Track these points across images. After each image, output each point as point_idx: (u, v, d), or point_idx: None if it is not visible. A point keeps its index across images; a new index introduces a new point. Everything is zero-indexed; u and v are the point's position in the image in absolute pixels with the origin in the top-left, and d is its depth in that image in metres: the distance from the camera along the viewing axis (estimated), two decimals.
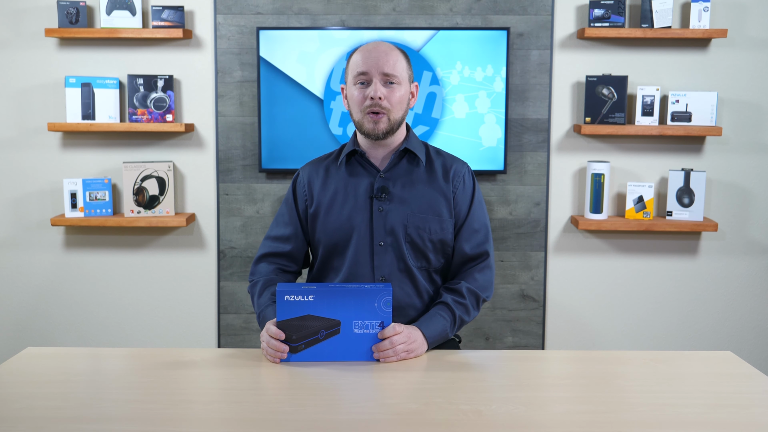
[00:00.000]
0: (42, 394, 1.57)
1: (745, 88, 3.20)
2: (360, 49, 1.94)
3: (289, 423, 1.42)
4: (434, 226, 1.95)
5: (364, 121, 1.92)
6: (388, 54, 1.91)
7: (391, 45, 1.95)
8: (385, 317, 1.75)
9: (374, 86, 1.89)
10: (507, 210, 3.26)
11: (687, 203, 3.17)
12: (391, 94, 1.91)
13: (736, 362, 1.78)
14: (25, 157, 3.27)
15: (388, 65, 1.89)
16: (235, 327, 3.34)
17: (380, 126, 1.91)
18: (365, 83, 1.91)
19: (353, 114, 1.95)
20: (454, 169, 2.01)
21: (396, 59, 1.92)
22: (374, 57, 1.90)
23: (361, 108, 1.91)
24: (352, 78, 1.92)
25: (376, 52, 1.90)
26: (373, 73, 1.89)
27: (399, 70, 1.91)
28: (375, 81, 1.89)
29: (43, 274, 3.34)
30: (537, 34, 3.18)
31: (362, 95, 1.91)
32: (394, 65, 1.90)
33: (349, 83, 1.94)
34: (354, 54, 1.95)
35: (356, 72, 1.91)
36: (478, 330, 3.33)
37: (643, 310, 3.33)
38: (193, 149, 3.26)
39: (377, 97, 1.88)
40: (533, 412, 1.48)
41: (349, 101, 1.96)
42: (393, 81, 1.91)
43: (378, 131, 1.92)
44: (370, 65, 1.89)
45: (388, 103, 1.90)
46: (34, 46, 3.20)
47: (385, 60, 1.89)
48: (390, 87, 1.91)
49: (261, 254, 2.07)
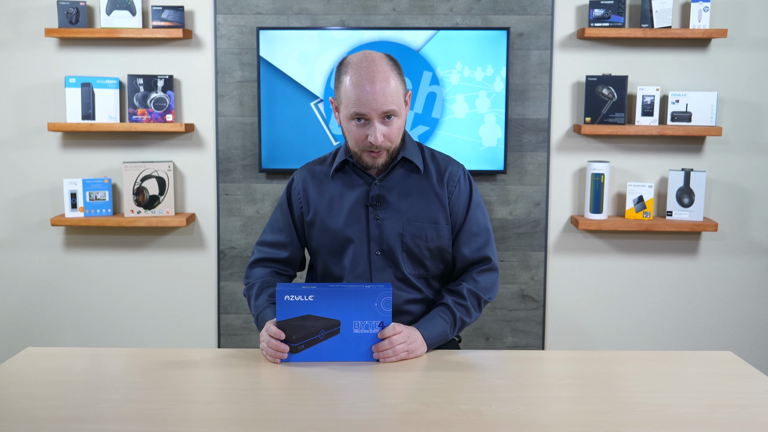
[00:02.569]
0: (42, 394, 1.57)
1: (745, 88, 3.20)
2: (353, 81, 1.80)
3: (289, 423, 1.42)
4: (431, 233, 1.94)
5: (363, 155, 1.88)
6: (385, 89, 1.79)
7: (384, 68, 1.81)
8: (384, 317, 1.75)
9: (374, 130, 1.81)
10: (507, 210, 3.26)
11: (687, 203, 3.17)
12: (391, 130, 1.84)
13: (736, 362, 1.78)
14: (25, 157, 3.27)
15: (387, 103, 1.80)
16: (235, 327, 3.34)
17: (379, 161, 1.89)
18: (362, 120, 1.83)
19: (350, 144, 1.90)
20: (449, 172, 1.97)
21: (393, 88, 1.81)
22: (371, 97, 1.78)
23: (359, 145, 1.86)
24: (349, 114, 1.82)
25: (373, 90, 1.78)
26: (372, 116, 1.81)
27: (397, 101, 1.82)
28: (374, 124, 1.81)
29: (43, 274, 3.34)
30: (537, 34, 3.18)
31: (361, 134, 1.83)
32: (392, 98, 1.80)
33: (344, 115, 1.85)
34: (346, 78, 1.82)
35: (353, 111, 1.81)
36: (478, 330, 3.33)
37: (643, 310, 3.33)
38: (193, 149, 3.26)
39: (378, 143, 1.82)
40: (533, 412, 1.48)
41: (346, 132, 1.89)
42: (392, 115, 1.83)
43: (378, 165, 1.89)
44: (368, 108, 1.79)
45: (388, 141, 1.85)
46: (34, 46, 3.20)
47: (383, 99, 1.79)
48: (388, 122, 1.83)
49: (256, 259, 2.05)
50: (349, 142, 1.90)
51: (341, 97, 1.85)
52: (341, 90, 1.85)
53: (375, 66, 1.81)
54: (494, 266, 2.00)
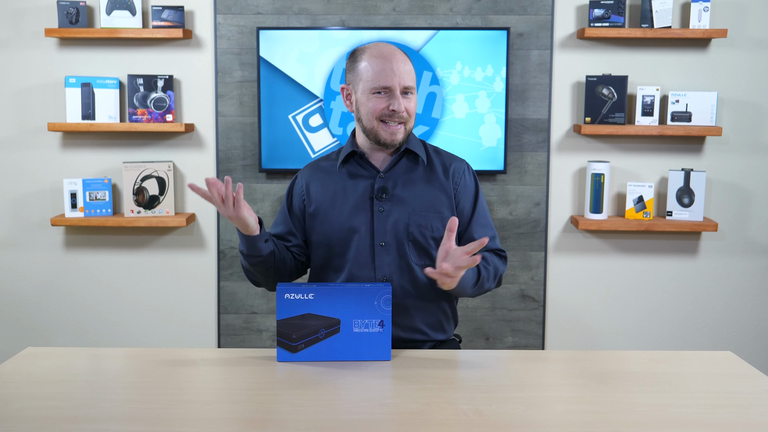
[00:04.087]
0: (42, 394, 1.57)
1: (745, 88, 3.20)
2: (374, 56, 1.91)
3: (289, 423, 1.42)
4: (436, 223, 1.95)
5: (379, 129, 1.91)
6: (406, 64, 1.91)
7: (400, 51, 1.93)
8: (384, 316, 1.75)
9: (397, 100, 1.88)
10: (507, 210, 3.26)
11: (687, 203, 3.17)
12: (409, 105, 1.92)
13: (736, 362, 1.78)
14: (25, 157, 3.27)
15: (408, 77, 1.90)
16: (235, 327, 3.34)
17: (398, 136, 1.92)
18: (382, 93, 1.89)
19: (364, 120, 1.93)
20: (453, 166, 2.02)
21: (410, 68, 1.92)
22: (396, 69, 1.88)
23: (376, 116, 1.90)
24: (370, 88, 1.89)
25: (396, 64, 1.89)
26: (395, 87, 1.88)
27: (413, 79, 1.93)
28: (397, 94, 1.89)
29: (42, 274, 3.34)
30: (537, 34, 3.18)
31: (382, 105, 1.89)
32: (411, 75, 1.91)
33: (364, 91, 1.91)
34: (365, 59, 1.92)
35: (377, 84, 1.88)
36: (478, 330, 3.34)
37: (643, 310, 3.33)
38: (193, 149, 3.26)
39: (401, 111, 1.89)
40: (533, 412, 1.48)
41: (361, 108, 1.93)
42: (410, 92, 1.92)
43: (396, 141, 1.93)
44: (392, 80, 1.87)
45: (407, 114, 1.92)
46: (34, 46, 3.20)
47: (405, 72, 1.89)
48: (407, 97, 1.92)
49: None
50: (366, 116, 1.93)
51: (359, 76, 1.92)
52: (358, 70, 1.92)
53: (392, 47, 1.94)
54: (506, 257, 2.05)
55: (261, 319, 3.33)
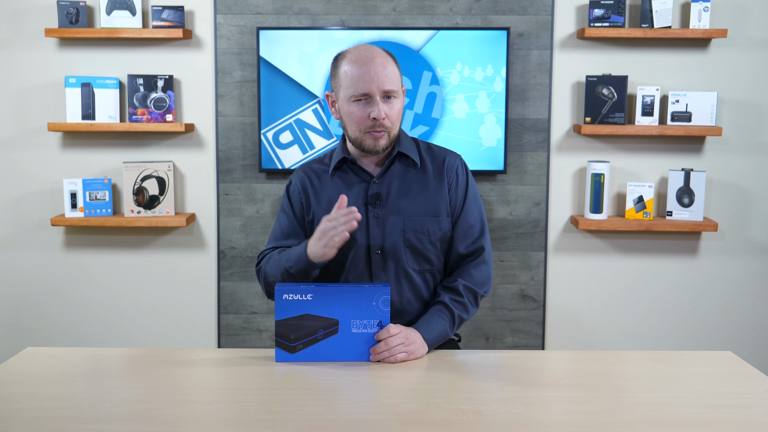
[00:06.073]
0: (42, 394, 1.57)
1: (745, 88, 3.20)
2: (352, 61, 1.85)
3: (289, 423, 1.42)
4: (432, 227, 1.94)
5: (364, 138, 1.87)
6: (386, 67, 1.83)
7: (381, 53, 1.86)
8: (383, 316, 1.75)
9: (377, 107, 1.82)
10: (507, 210, 3.26)
11: (687, 203, 3.17)
12: (391, 110, 1.86)
13: (736, 362, 1.78)
14: (25, 157, 3.27)
15: (388, 81, 1.83)
16: (235, 327, 3.34)
17: (381, 143, 1.88)
18: (362, 100, 1.84)
19: (349, 130, 1.90)
20: (446, 163, 1.98)
21: (392, 70, 1.85)
22: (373, 74, 1.81)
23: (360, 127, 1.86)
24: (350, 95, 1.84)
25: (374, 68, 1.82)
26: (374, 93, 1.82)
27: (396, 82, 1.86)
28: (376, 100, 1.83)
29: (43, 274, 3.34)
30: (537, 34, 3.18)
31: (363, 114, 1.84)
32: (392, 79, 1.84)
33: (344, 99, 1.86)
34: (344, 64, 1.86)
35: (356, 92, 1.83)
36: (478, 330, 3.33)
37: (643, 310, 3.33)
38: (193, 149, 3.26)
39: (381, 119, 1.83)
40: (533, 412, 1.48)
41: (345, 117, 1.89)
42: (392, 95, 1.86)
43: (378, 148, 1.88)
44: (370, 86, 1.81)
45: (389, 121, 1.86)
46: (34, 46, 3.20)
47: (384, 76, 1.82)
48: (389, 102, 1.86)
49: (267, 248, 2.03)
50: (350, 127, 1.89)
51: (340, 83, 1.87)
52: (339, 77, 1.87)
53: (372, 50, 1.87)
54: (487, 257, 1.99)
55: (261, 319, 3.33)
